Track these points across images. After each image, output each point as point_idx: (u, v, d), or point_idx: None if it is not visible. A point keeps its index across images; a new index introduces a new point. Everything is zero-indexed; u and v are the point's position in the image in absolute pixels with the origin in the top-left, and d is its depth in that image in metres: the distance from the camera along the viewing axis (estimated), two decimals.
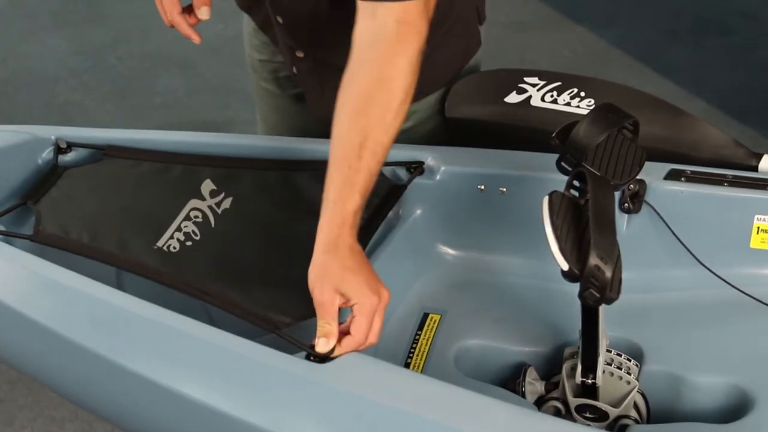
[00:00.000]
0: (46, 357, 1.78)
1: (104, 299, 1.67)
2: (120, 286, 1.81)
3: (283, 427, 1.50)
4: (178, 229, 1.80)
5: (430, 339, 1.76)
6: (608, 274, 1.41)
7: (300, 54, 2.02)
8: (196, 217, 1.83)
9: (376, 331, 1.56)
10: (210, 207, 1.84)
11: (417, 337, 1.77)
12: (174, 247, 1.77)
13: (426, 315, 1.81)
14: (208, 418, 1.57)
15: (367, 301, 1.55)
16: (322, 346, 1.53)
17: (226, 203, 1.85)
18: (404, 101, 1.63)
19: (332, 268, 1.56)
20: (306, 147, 1.96)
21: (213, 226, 1.81)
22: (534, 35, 4.51)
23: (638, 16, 4.59)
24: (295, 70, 2.07)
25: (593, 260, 1.41)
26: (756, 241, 1.80)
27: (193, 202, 1.85)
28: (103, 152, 1.99)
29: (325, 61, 2.00)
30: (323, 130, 2.18)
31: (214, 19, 2.05)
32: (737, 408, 1.62)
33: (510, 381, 1.71)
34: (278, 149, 1.96)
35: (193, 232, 1.80)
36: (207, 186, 1.88)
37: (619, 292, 1.44)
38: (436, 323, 1.79)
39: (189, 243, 1.78)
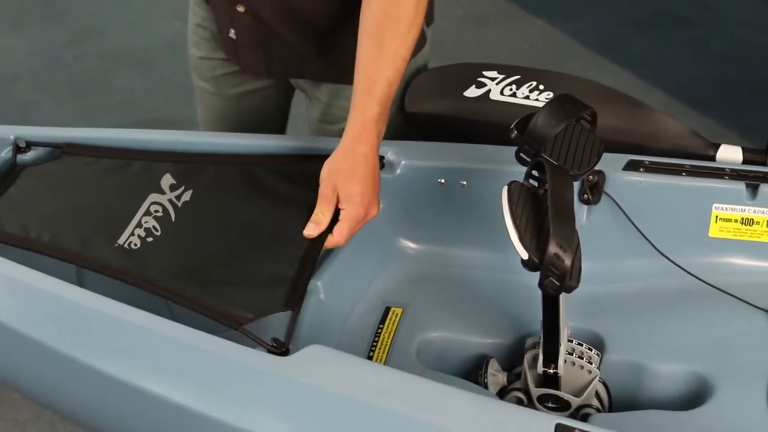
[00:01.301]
0: (8, 356, 1.77)
1: (65, 297, 1.67)
2: (81, 284, 1.80)
3: (246, 421, 1.50)
4: (139, 224, 1.79)
5: (393, 332, 1.76)
6: (568, 262, 1.42)
7: (240, 9, 2.02)
8: (156, 211, 1.82)
9: (350, 235, 1.72)
10: (170, 200, 1.83)
11: (379, 330, 1.77)
12: (135, 244, 1.76)
13: (388, 309, 1.81)
14: (170, 413, 1.56)
15: (354, 211, 1.71)
16: (310, 229, 1.71)
17: (186, 196, 1.84)
18: (416, 14, 1.78)
19: (341, 170, 1.73)
20: (264, 142, 1.96)
21: (173, 219, 1.81)
22: (493, 29, 4.52)
23: (598, 9, 4.62)
24: (232, 33, 2.06)
25: (552, 249, 1.42)
26: (714, 230, 1.81)
27: (153, 196, 1.84)
28: (61, 150, 1.98)
29: (263, 17, 2.01)
30: (260, 130, 2.19)
31: (172, 17, 2.05)
32: (697, 395, 1.63)
33: (472, 373, 1.72)
34: (237, 145, 1.96)
35: (154, 227, 1.79)
36: (167, 180, 1.87)
37: (578, 280, 1.45)
38: (398, 317, 1.79)
39: (150, 239, 1.77)
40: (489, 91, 2.01)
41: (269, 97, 2.24)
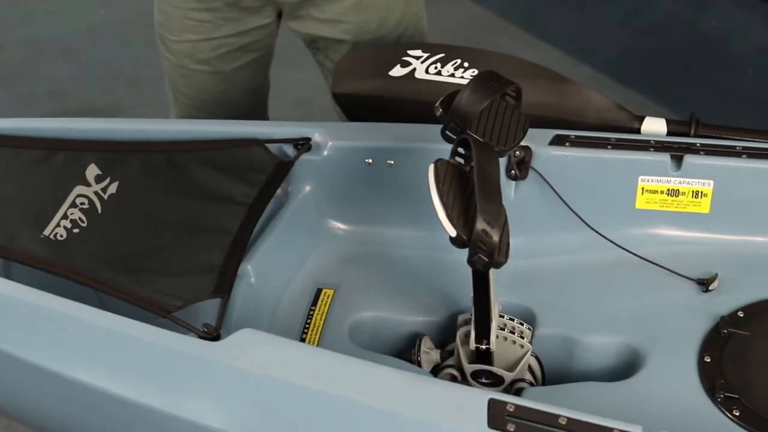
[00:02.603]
0: None
1: None
2: (8, 277, 1.78)
3: (180, 408, 1.49)
4: (65, 216, 1.77)
5: (325, 314, 1.76)
6: (495, 238, 1.42)
7: None
8: (82, 203, 1.80)
9: None
10: (96, 193, 1.82)
11: (311, 312, 1.77)
12: (61, 236, 1.74)
13: (319, 290, 1.81)
14: (104, 403, 1.56)
15: None
16: None
17: (112, 188, 1.83)
18: None
19: None
20: (190, 128, 1.95)
21: (100, 212, 1.79)
22: None
23: None
24: None
25: (480, 225, 1.42)
26: (641, 202, 1.83)
27: (79, 189, 1.82)
28: None
29: None
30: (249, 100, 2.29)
31: (95, 4, 2.02)
32: (629, 366, 1.64)
33: (405, 351, 1.72)
34: (162, 132, 1.94)
35: (80, 219, 1.77)
36: (92, 171, 1.85)
37: (507, 255, 1.45)
38: (330, 298, 1.79)
39: (76, 230, 1.75)
40: (414, 70, 2.01)
41: (261, 65, 2.33)
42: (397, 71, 2.02)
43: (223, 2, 2.17)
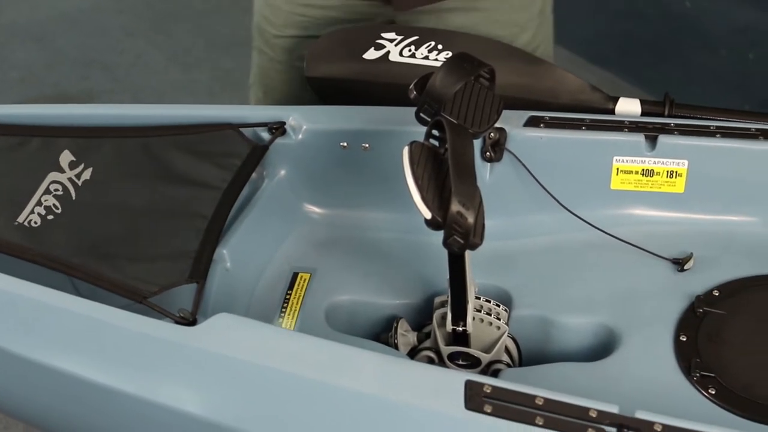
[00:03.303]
0: None
1: None
2: None
3: (157, 393, 1.49)
4: (39, 203, 1.76)
5: (301, 298, 1.76)
6: (470, 219, 1.42)
7: None
8: (56, 190, 1.79)
9: None
10: (70, 179, 1.81)
11: (287, 296, 1.76)
12: (35, 222, 1.73)
13: (296, 274, 1.81)
14: (80, 390, 1.55)
15: None
16: None
17: (87, 174, 1.82)
18: None
19: None
20: (163, 113, 1.93)
21: (74, 198, 1.78)
22: None
23: None
24: None
25: (455, 207, 1.42)
26: (616, 182, 1.83)
27: (53, 175, 1.81)
28: None
29: None
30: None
31: None
32: (605, 346, 1.65)
33: (382, 334, 1.72)
34: (136, 117, 1.93)
35: (54, 205, 1.77)
36: (66, 157, 1.84)
37: (482, 237, 1.45)
38: (306, 282, 1.79)
39: (50, 217, 1.75)
40: (388, 52, 2.01)
41: None
42: (371, 54, 2.01)
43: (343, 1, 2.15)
